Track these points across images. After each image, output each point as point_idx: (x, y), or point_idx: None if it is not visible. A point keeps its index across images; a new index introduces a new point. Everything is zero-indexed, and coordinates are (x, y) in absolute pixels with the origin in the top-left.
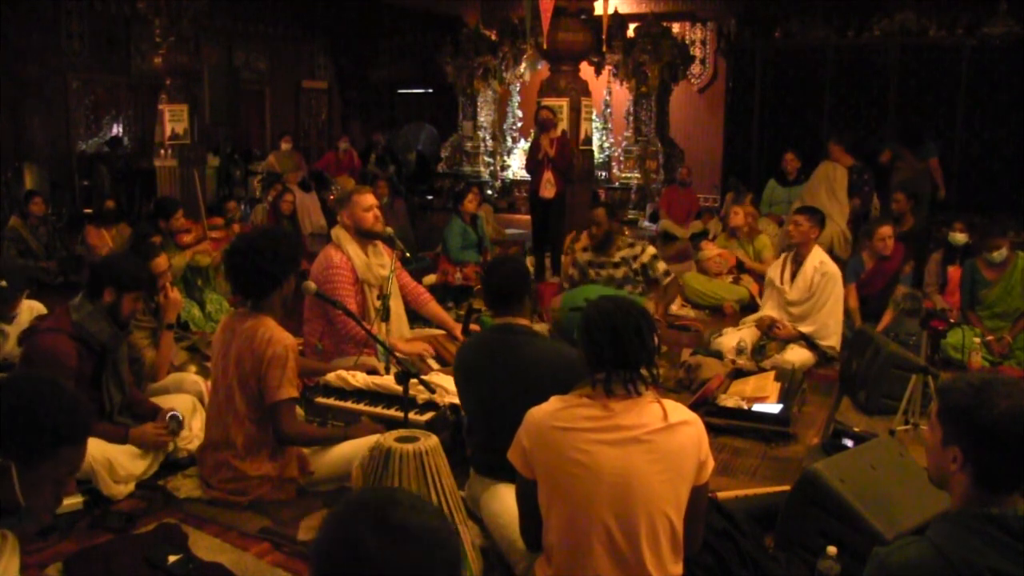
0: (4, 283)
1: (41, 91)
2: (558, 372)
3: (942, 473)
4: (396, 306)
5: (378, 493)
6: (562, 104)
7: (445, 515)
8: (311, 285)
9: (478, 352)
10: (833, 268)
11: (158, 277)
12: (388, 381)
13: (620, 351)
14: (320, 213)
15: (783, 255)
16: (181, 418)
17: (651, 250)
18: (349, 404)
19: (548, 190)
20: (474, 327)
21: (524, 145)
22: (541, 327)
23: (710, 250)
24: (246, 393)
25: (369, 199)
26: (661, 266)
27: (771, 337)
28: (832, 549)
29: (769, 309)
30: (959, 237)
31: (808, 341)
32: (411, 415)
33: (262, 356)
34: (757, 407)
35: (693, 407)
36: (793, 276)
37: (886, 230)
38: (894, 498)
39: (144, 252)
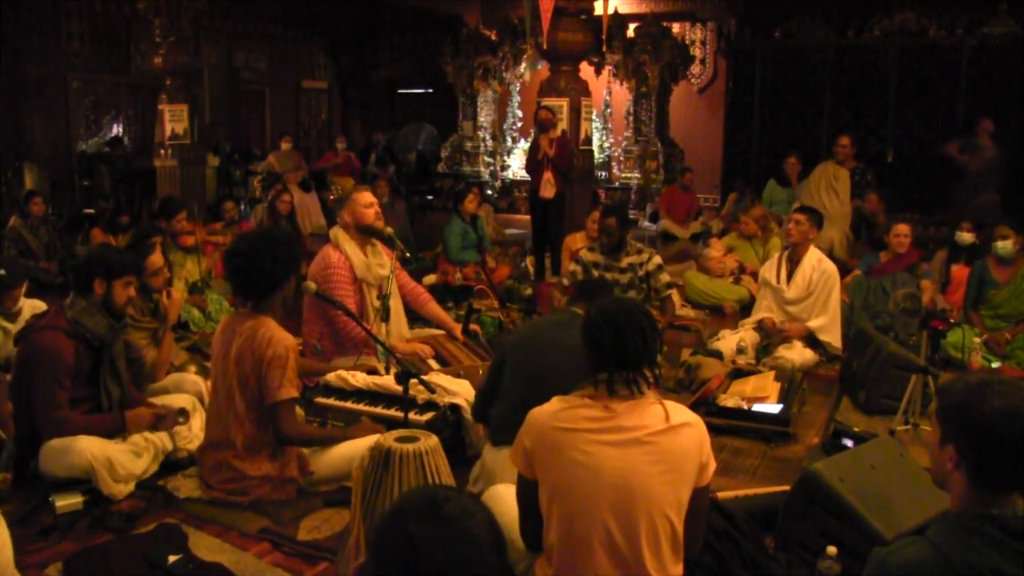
0: (3, 272)
1: (41, 91)
2: None
3: (941, 472)
4: (395, 305)
5: (431, 490)
6: (562, 104)
7: (491, 512)
8: (311, 285)
9: (548, 329)
10: (831, 266)
11: (152, 274)
12: (388, 381)
13: (623, 350)
14: (320, 213)
15: (777, 254)
16: (185, 412)
17: (657, 259)
18: (349, 404)
19: (548, 190)
20: (474, 327)
21: (524, 145)
22: None
23: (716, 249)
24: (246, 393)
25: (369, 197)
26: (664, 278)
27: (779, 337)
28: (832, 549)
29: (764, 309)
30: (966, 236)
31: (814, 339)
32: (411, 415)
33: (262, 356)
34: (757, 407)
35: (693, 407)
36: (790, 275)
37: (903, 228)
38: (894, 498)
39: (139, 249)
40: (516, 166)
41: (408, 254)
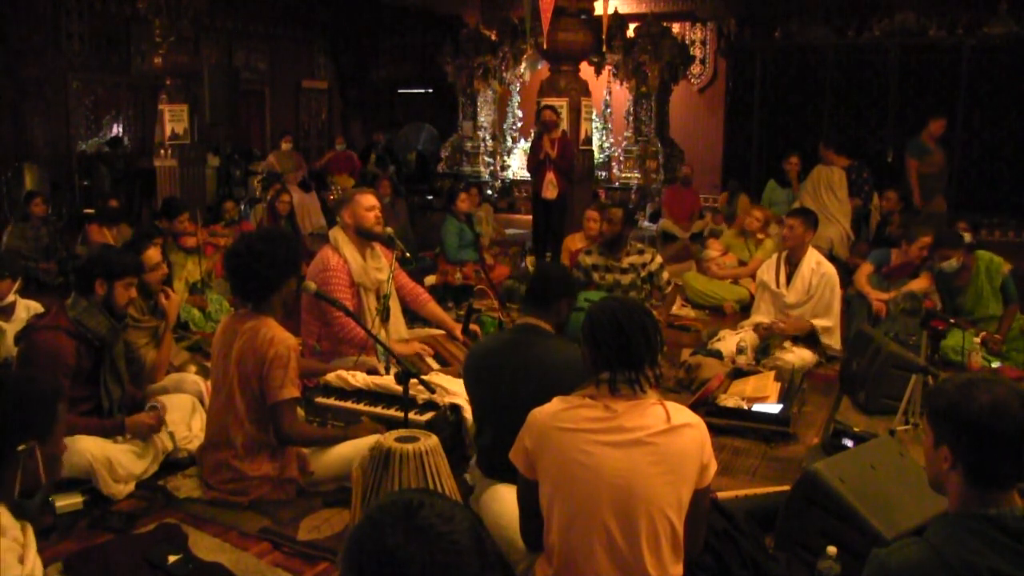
0: None
1: (41, 91)
2: (577, 376)
3: (938, 475)
4: (393, 307)
5: (405, 495)
6: (562, 104)
7: (474, 515)
8: (311, 285)
9: (495, 351)
10: (830, 268)
11: (150, 270)
12: (388, 381)
13: (625, 349)
14: (320, 213)
15: (774, 256)
16: (160, 407)
17: (659, 259)
18: (349, 404)
19: (550, 191)
20: (474, 327)
21: (524, 145)
22: None
23: (715, 250)
24: (246, 394)
25: (371, 199)
26: (666, 275)
27: (775, 335)
28: (832, 549)
29: (763, 312)
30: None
31: (812, 338)
32: (411, 415)
33: (264, 356)
34: (757, 407)
35: (693, 407)
36: (789, 278)
37: (927, 240)
38: (894, 498)
39: (136, 246)
40: (516, 166)
41: (408, 254)
